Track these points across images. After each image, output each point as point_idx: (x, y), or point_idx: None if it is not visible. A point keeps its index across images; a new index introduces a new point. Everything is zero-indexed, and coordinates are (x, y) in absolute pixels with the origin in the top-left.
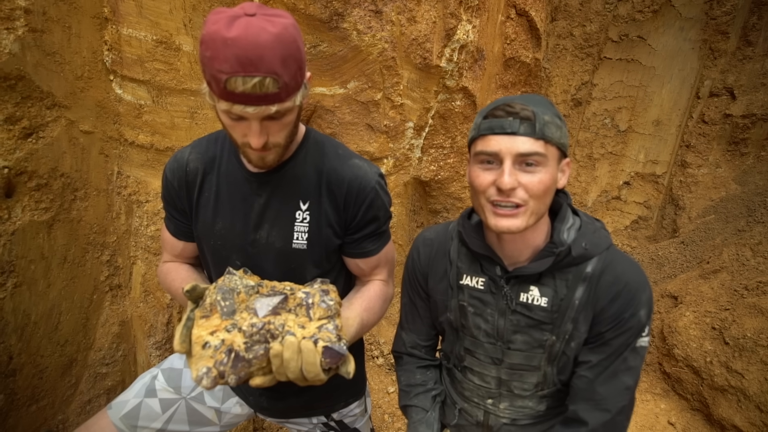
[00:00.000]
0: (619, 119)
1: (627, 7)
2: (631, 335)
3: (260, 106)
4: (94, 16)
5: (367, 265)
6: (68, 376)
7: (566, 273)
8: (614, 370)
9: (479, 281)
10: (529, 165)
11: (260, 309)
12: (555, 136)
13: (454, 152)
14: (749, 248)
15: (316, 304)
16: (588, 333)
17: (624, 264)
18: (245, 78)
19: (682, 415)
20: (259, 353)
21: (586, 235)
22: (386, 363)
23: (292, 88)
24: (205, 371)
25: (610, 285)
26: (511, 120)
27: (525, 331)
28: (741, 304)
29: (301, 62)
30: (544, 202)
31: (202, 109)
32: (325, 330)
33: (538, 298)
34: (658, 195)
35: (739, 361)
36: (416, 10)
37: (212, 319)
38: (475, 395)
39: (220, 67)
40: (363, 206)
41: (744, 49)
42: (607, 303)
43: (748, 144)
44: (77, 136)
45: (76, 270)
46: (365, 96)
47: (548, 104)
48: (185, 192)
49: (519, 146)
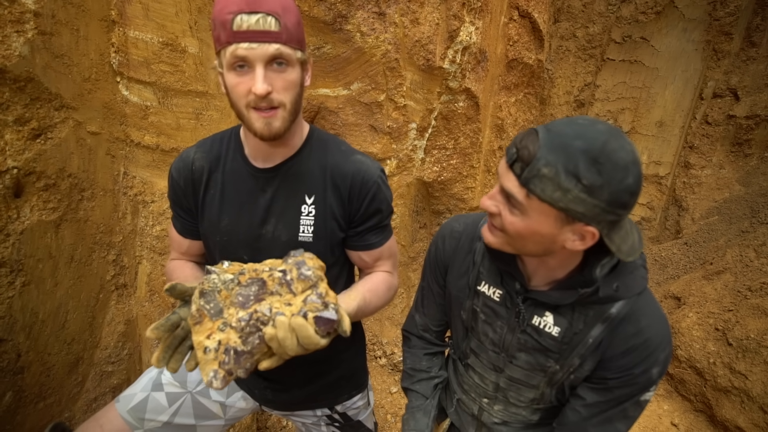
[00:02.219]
0: (623, 120)
1: (630, 9)
2: (636, 389)
3: (263, 43)
4: (101, 19)
5: (370, 258)
6: (75, 374)
7: (588, 308)
8: (611, 416)
9: (496, 292)
10: (511, 204)
11: (243, 301)
12: (547, 194)
13: (457, 153)
14: (753, 249)
15: (295, 278)
16: (591, 373)
17: (650, 317)
18: (250, 15)
19: (685, 417)
20: (255, 342)
21: (621, 276)
22: (389, 363)
23: (293, 35)
24: (213, 374)
25: (629, 336)
26: (513, 152)
27: (530, 352)
28: (744, 305)
29: (300, 20)
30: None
31: (207, 110)
32: (310, 301)
33: (551, 326)
34: (661, 196)
35: (743, 362)
36: (419, 12)
37: (204, 324)
38: (473, 391)
39: (229, 8)
40: (366, 199)
41: (748, 50)
42: (621, 353)
43: (751, 145)
44: (84, 137)
45: (83, 269)
46: (368, 97)
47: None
48: (191, 190)
49: (505, 180)
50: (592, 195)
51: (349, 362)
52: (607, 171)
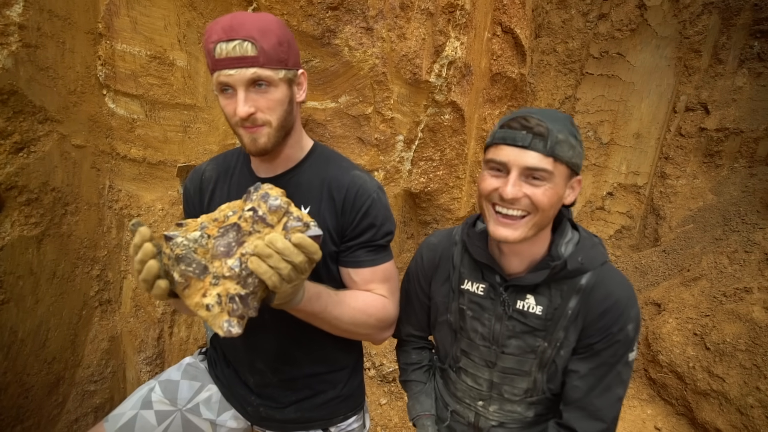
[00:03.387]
0: (602, 132)
1: (606, 26)
2: (620, 348)
3: (240, 69)
4: (88, 32)
5: (359, 277)
6: (55, 395)
7: (562, 284)
8: (609, 382)
9: (480, 287)
10: (535, 179)
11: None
12: (566, 155)
13: (444, 165)
14: (726, 256)
15: (267, 212)
16: (577, 343)
17: (616, 280)
18: (227, 42)
19: (667, 420)
20: (256, 282)
21: (583, 250)
22: (378, 375)
23: (272, 57)
24: (227, 324)
25: (601, 300)
26: (524, 134)
27: (519, 336)
28: (720, 311)
29: (281, 39)
30: (546, 216)
31: (195, 123)
32: (291, 227)
33: (533, 306)
34: (639, 205)
35: (720, 365)
36: (406, 28)
37: (193, 286)
38: (467, 396)
39: (211, 38)
40: (360, 213)
41: (716, 66)
42: (597, 316)
43: (722, 156)
44: (69, 151)
45: (65, 285)
46: (356, 110)
47: (567, 122)
48: (198, 198)
49: (527, 160)
50: (581, 147)
51: (346, 381)
52: (578, 131)
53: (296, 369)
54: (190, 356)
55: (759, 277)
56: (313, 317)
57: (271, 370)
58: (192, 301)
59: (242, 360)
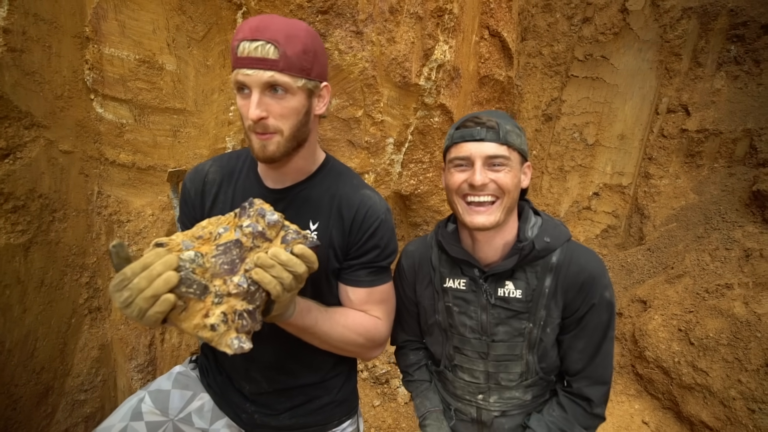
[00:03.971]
0: (587, 133)
1: (590, 29)
2: (604, 312)
3: (257, 69)
4: (75, 36)
5: (355, 296)
6: (44, 405)
7: (535, 266)
8: (606, 349)
9: (461, 282)
10: (496, 165)
11: (229, 268)
12: (516, 142)
13: (433, 167)
14: (708, 254)
15: (266, 226)
16: (564, 320)
17: (585, 255)
18: (252, 42)
19: (654, 414)
20: (263, 296)
21: (548, 231)
22: (371, 377)
23: (294, 64)
24: (237, 342)
25: (576, 274)
26: (480, 129)
27: (505, 322)
28: (703, 307)
29: (306, 47)
30: (512, 198)
31: (185, 127)
32: (291, 240)
33: (513, 291)
34: (624, 205)
35: (704, 360)
36: (395, 31)
37: (192, 308)
38: (467, 393)
39: (238, 36)
40: (367, 233)
41: (695, 69)
42: (577, 290)
43: (702, 156)
44: (56, 156)
45: (54, 293)
46: (347, 113)
47: (508, 117)
48: (200, 201)
49: (486, 150)
50: (524, 136)
51: (340, 387)
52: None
53: (292, 379)
54: (180, 365)
55: (739, 273)
56: (303, 332)
57: (267, 380)
58: (190, 324)
59: (237, 369)
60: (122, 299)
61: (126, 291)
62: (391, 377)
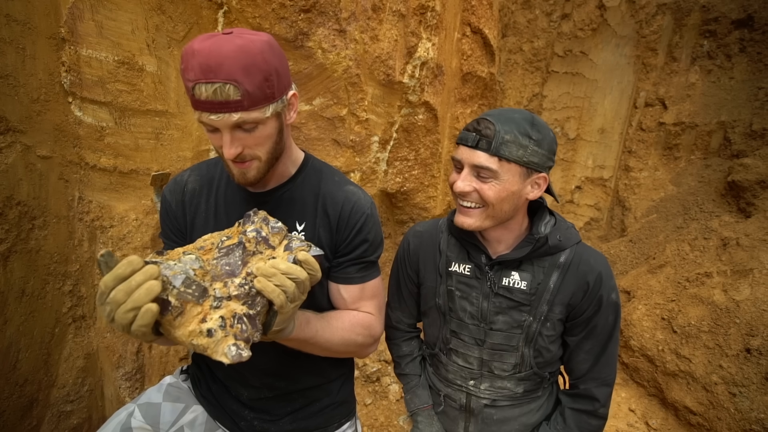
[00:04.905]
0: (569, 128)
1: (569, 25)
2: (611, 313)
3: (223, 114)
4: (50, 37)
5: (348, 294)
6: (28, 418)
7: (543, 261)
8: (611, 350)
9: (466, 268)
10: (482, 176)
11: (231, 270)
12: (515, 154)
13: (418, 164)
14: (687, 243)
15: (269, 232)
16: (571, 320)
17: (594, 256)
18: (207, 84)
19: (640, 402)
20: (264, 301)
21: (561, 230)
22: (362, 375)
23: (257, 98)
24: (235, 350)
25: (585, 274)
26: (474, 135)
27: (506, 312)
28: (684, 295)
29: (267, 73)
30: (501, 209)
31: (167, 129)
32: (296, 247)
33: (518, 281)
34: (606, 197)
35: (686, 347)
36: (378, 29)
37: (188, 312)
38: (458, 377)
39: (188, 75)
40: (354, 229)
41: (671, 64)
42: (585, 291)
43: (680, 149)
44: (34, 162)
45: (36, 303)
46: (331, 112)
47: (522, 123)
48: (182, 212)
49: (474, 159)
50: (540, 147)
51: (339, 388)
52: (541, 129)
53: (292, 384)
54: (171, 375)
55: (717, 262)
56: (305, 344)
57: (267, 387)
58: (185, 331)
59: (234, 376)
60: (106, 314)
61: (107, 306)
62: (382, 375)
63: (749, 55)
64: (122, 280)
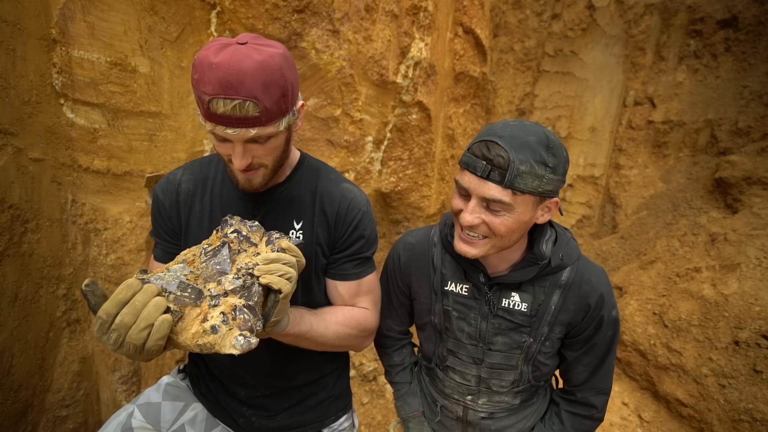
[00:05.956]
0: (560, 127)
1: (560, 25)
2: (610, 330)
3: (240, 129)
4: (40, 38)
5: (344, 290)
6: (23, 424)
7: (544, 281)
8: (609, 363)
9: (463, 288)
10: (493, 209)
11: (221, 269)
12: (530, 186)
13: (412, 164)
14: (677, 239)
15: (249, 231)
16: (570, 338)
17: (597, 274)
18: (225, 100)
19: (633, 395)
20: (260, 290)
21: (561, 247)
22: (358, 374)
23: (274, 113)
24: (242, 340)
25: (587, 294)
26: (484, 164)
27: (505, 333)
28: (675, 290)
29: (285, 89)
30: (508, 239)
31: (161, 131)
32: (274, 239)
33: (518, 303)
34: (597, 195)
35: (677, 340)
36: (372, 30)
37: (189, 315)
38: (456, 392)
39: (204, 89)
40: (351, 226)
41: (659, 63)
42: (586, 311)
43: (668, 147)
44: (26, 165)
45: (29, 307)
46: (325, 112)
47: (537, 147)
48: (176, 212)
49: (485, 191)
50: (555, 173)
51: (335, 382)
52: (556, 151)
53: (288, 381)
54: (169, 375)
55: (706, 257)
56: (300, 339)
57: (263, 385)
58: (188, 334)
59: (231, 376)
60: (112, 342)
61: (113, 333)
62: (379, 374)
63: (734, 55)
64: (124, 304)
